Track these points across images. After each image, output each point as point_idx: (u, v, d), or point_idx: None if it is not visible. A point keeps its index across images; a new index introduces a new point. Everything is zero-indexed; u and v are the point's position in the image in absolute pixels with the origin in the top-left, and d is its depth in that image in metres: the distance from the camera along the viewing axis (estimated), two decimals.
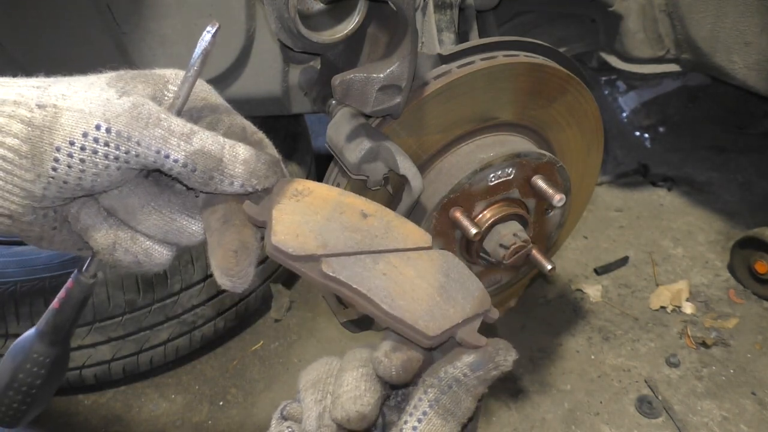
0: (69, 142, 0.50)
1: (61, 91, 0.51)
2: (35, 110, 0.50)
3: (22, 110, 0.49)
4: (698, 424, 1.45)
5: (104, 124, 0.50)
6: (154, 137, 0.51)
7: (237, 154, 0.55)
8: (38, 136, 0.49)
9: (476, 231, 1.03)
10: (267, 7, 1.11)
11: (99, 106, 0.50)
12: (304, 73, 1.29)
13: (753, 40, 1.52)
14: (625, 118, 2.58)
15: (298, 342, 1.71)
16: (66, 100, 0.50)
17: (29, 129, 0.49)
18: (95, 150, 0.50)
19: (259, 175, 0.56)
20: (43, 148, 0.49)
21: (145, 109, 0.52)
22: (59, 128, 0.49)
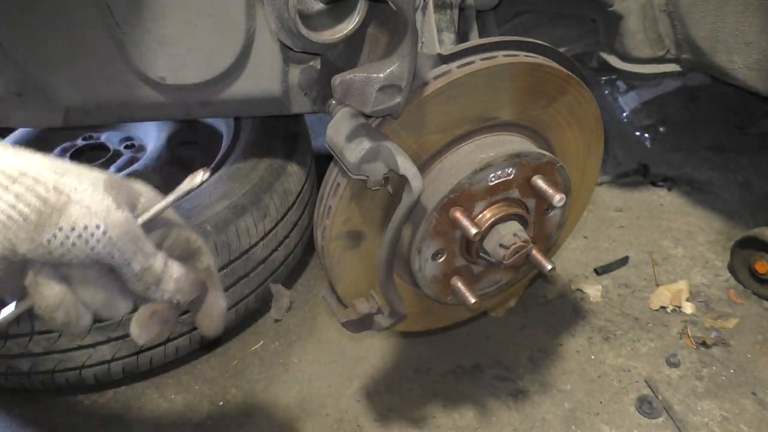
0: (71, 228, 0.62)
1: (74, 185, 0.63)
2: (52, 192, 0.61)
3: (40, 188, 0.61)
4: (698, 424, 1.45)
5: (103, 227, 0.63)
6: (130, 250, 0.66)
7: (172, 274, 0.71)
8: (48, 214, 0.61)
9: (476, 231, 1.03)
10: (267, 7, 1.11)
11: (102, 211, 0.64)
12: (304, 73, 1.29)
13: (753, 40, 1.52)
14: (625, 118, 2.58)
15: (298, 342, 1.71)
16: (77, 194, 0.63)
17: (43, 205, 0.61)
18: (87, 241, 0.63)
19: (184, 291, 0.73)
20: (49, 224, 0.61)
21: (132, 227, 0.66)
22: (68, 215, 0.61)
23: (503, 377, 1.59)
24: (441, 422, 1.48)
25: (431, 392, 1.55)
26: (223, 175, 1.64)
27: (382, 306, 1.14)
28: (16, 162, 0.61)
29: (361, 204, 1.06)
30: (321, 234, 1.09)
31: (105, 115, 1.32)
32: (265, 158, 1.68)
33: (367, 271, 1.16)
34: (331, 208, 1.04)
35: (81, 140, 2.14)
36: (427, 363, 1.63)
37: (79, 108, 1.29)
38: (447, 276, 1.15)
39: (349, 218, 1.07)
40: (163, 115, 1.37)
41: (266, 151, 1.71)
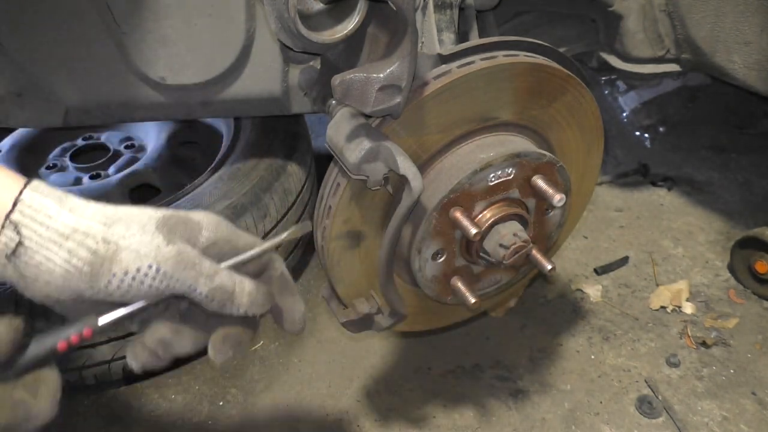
0: (124, 272, 0.68)
1: (122, 231, 0.69)
2: (100, 244, 0.67)
3: (90, 241, 0.67)
4: (698, 424, 1.45)
5: (155, 265, 0.68)
6: (189, 276, 0.70)
7: (243, 288, 0.75)
8: (100, 264, 0.67)
9: (476, 231, 1.03)
10: (267, 7, 1.11)
11: (152, 250, 0.69)
12: (304, 73, 1.29)
13: (753, 40, 1.52)
14: (625, 118, 2.58)
15: (298, 342, 1.71)
16: (125, 240, 0.68)
17: (93, 257, 0.67)
18: (143, 281, 0.68)
19: (258, 304, 0.76)
20: (102, 272, 0.67)
21: (185, 255, 0.70)
22: (119, 261, 0.67)
23: (503, 377, 1.59)
24: (441, 422, 1.48)
25: (431, 392, 1.55)
26: (223, 175, 1.64)
27: (382, 306, 1.14)
28: (69, 219, 0.67)
29: (361, 204, 1.06)
30: (321, 234, 1.09)
31: (105, 115, 1.32)
32: (265, 158, 1.69)
33: (367, 271, 1.16)
34: (331, 208, 1.04)
35: (81, 140, 2.14)
36: (427, 363, 1.63)
37: (79, 108, 1.29)
38: (447, 276, 1.15)
39: (349, 218, 1.07)
40: (163, 115, 1.37)
41: (266, 151, 1.71)
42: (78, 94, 1.27)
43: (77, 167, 2.01)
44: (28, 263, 0.67)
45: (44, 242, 0.67)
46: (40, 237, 0.67)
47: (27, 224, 0.67)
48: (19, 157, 2.02)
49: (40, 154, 2.08)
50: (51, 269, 0.67)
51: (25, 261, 0.67)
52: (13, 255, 0.66)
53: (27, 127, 1.95)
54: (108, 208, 0.71)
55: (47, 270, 0.67)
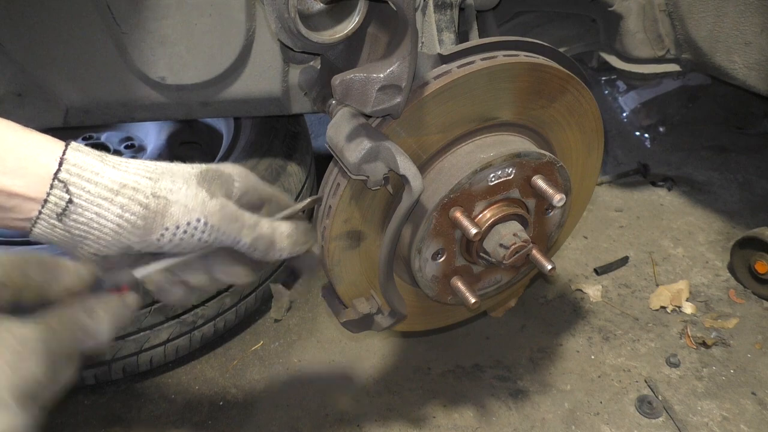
0: (175, 226, 0.70)
1: (168, 186, 0.70)
2: (151, 198, 0.69)
3: (140, 196, 0.68)
4: (698, 424, 1.45)
5: (203, 219, 0.71)
6: (233, 229, 0.74)
7: (282, 232, 0.79)
8: (152, 218, 0.68)
9: (476, 231, 1.03)
10: (267, 7, 1.11)
11: (198, 204, 0.71)
12: (304, 73, 1.29)
13: (753, 40, 1.52)
14: (625, 118, 2.58)
15: (298, 342, 1.71)
16: (173, 195, 0.70)
17: (146, 211, 0.68)
18: (192, 234, 0.71)
19: (299, 242, 0.80)
20: (155, 227, 0.69)
21: (228, 209, 0.73)
22: (169, 216, 0.69)
23: (503, 377, 1.59)
24: (441, 422, 1.48)
25: (431, 392, 1.55)
26: None
27: (382, 306, 1.14)
28: (116, 175, 0.68)
29: (361, 204, 1.06)
30: (321, 234, 1.09)
31: (105, 115, 1.32)
32: (265, 158, 1.69)
33: (367, 271, 1.16)
34: (331, 208, 1.04)
35: (81, 140, 2.14)
36: (427, 363, 1.63)
37: (79, 108, 1.29)
38: (447, 276, 1.15)
39: (349, 218, 1.07)
40: (163, 115, 1.37)
41: (266, 151, 1.71)
42: (78, 94, 1.27)
43: None
44: (78, 221, 0.67)
45: (94, 198, 0.67)
46: (90, 194, 0.67)
47: (75, 182, 0.66)
48: None
49: None
50: (102, 225, 0.68)
51: (75, 219, 0.67)
52: (63, 214, 0.66)
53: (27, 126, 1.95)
54: (148, 163, 0.72)
55: (98, 226, 0.68)
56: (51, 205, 0.66)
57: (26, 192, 0.66)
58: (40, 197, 0.66)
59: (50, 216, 0.67)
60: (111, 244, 0.69)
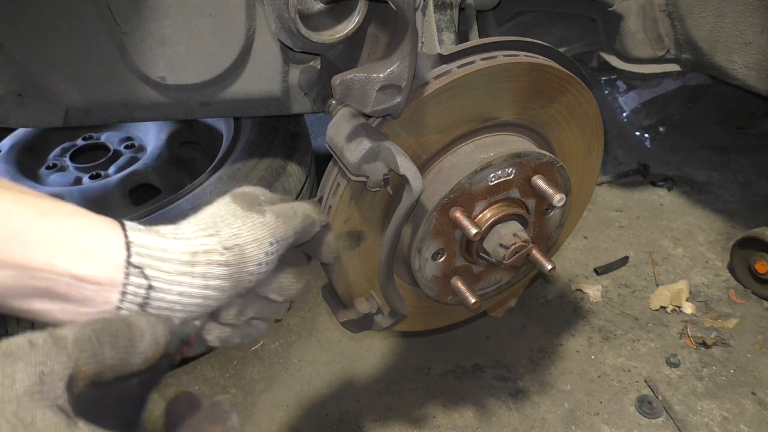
0: (257, 264, 0.69)
1: (231, 232, 0.69)
2: (225, 253, 0.66)
3: (216, 257, 0.66)
4: (698, 424, 1.45)
5: (272, 239, 0.71)
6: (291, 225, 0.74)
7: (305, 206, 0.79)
8: (236, 271, 0.67)
9: (476, 231, 1.03)
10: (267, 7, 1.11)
11: (262, 229, 0.70)
12: (304, 73, 1.29)
13: (753, 40, 1.52)
14: (625, 118, 2.58)
15: (298, 342, 1.71)
16: (240, 237, 0.68)
17: (228, 268, 0.66)
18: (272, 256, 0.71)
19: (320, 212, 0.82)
20: (241, 277, 0.68)
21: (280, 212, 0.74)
22: (249, 258, 0.68)
23: (503, 377, 1.59)
24: (441, 422, 1.48)
25: (431, 392, 1.55)
26: (223, 175, 1.64)
27: (382, 306, 1.14)
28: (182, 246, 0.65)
29: (361, 204, 1.06)
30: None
31: (105, 115, 1.32)
32: (265, 158, 1.69)
33: (367, 271, 1.15)
34: (331, 208, 1.04)
35: (81, 140, 2.14)
36: (427, 363, 1.63)
37: (79, 108, 1.29)
38: (447, 276, 1.15)
39: (349, 218, 1.07)
40: (163, 115, 1.37)
41: (266, 151, 1.71)
42: (78, 94, 1.27)
43: (77, 167, 2.02)
44: (161, 307, 0.63)
45: (173, 278, 0.63)
46: (168, 273, 0.62)
47: (149, 264, 0.62)
48: (19, 157, 2.02)
49: (40, 154, 2.08)
50: (189, 302, 0.64)
51: (158, 305, 0.63)
52: (144, 303, 0.62)
53: (27, 127, 1.94)
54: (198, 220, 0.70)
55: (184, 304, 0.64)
56: (130, 296, 0.61)
57: (99, 278, 0.60)
58: (114, 285, 0.60)
59: (131, 309, 0.62)
60: (201, 314, 0.67)
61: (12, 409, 0.43)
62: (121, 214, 1.59)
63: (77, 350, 0.49)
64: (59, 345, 0.48)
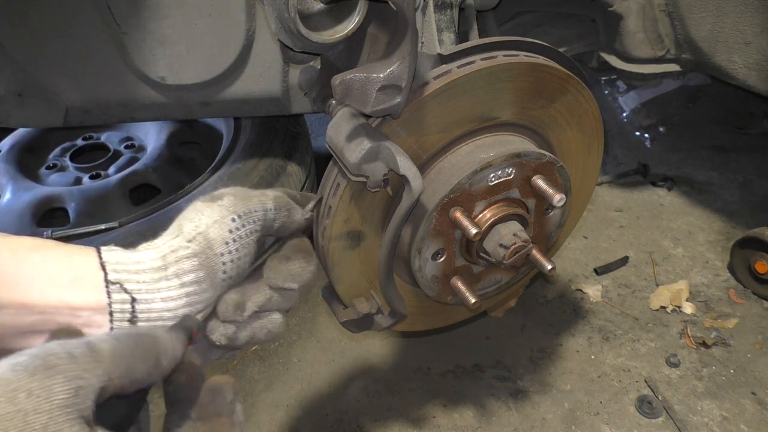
0: (224, 243, 0.69)
1: (190, 226, 0.69)
2: (190, 245, 0.67)
3: (182, 252, 0.66)
4: (698, 424, 1.45)
5: (234, 216, 0.70)
6: (256, 202, 0.73)
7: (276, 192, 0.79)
8: (205, 258, 0.67)
9: (476, 231, 1.03)
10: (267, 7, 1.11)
11: (219, 211, 0.70)
12: (304, 73, 1.29)
13: (753, 40, 1.52)
14: (625, 118, 2.58)
15: (298, 342, 1.71)
16: (200, 226, 0.69)
17: (197, 259, 0.67)
18: (240, 235, 0.70)
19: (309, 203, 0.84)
20: (213, 262, 0.68)
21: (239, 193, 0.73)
22: (214, 242, 0.68)
23: (503, 377, 1.59)
24: (441, 422, 1.48)
25: (431, 392, 1.55)
26: (223, 175, 1.64)
27: (382, 306, 1.14)
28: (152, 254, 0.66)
29: (361, 204, 1.06)
30: (321, 234, 1.09)
31: (105, 115, 1.32)
32: (265, 158, 1.69)
33: (367, 271, 1.15)
34: (331, 208, 1.04)
35: (81, 140, 2.14)
36: (427, 363, 1.63)
37: (79, 108, 1.29)
38: (447, 276, 1.15)
39: (349, 218, 1.07)
40: (163, 115, 1.37)
41: (266, 151, 1.71)
42: (78, 94, 1.27)
43: (77, 167, 2.02)
44: (150, 318, 0.64)
45: (152, 286, 0.64)
46: (146, 283, 0.64)
47: (127, 278, 0.64)
48: (19, 157, 2.03)
49: (40, 154, 2.08)
50: (174, 307, 0.65)
51: (147, 316, 0.64)
52: (133, 317, 0.64)
53: (27, 126, 1.95)
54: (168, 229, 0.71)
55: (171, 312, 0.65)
56: (118, 314, 0.63)
57: (89, 304, 0.62)
58: (104, 307, 0.63)
59: (122, 327, 0.63)
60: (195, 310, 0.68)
61: (42, 422, 0.44)
62: (121, 214, 1.60)
63: (113, 365, 0.50)
64: (96, 358, 0.49)
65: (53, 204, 1.81)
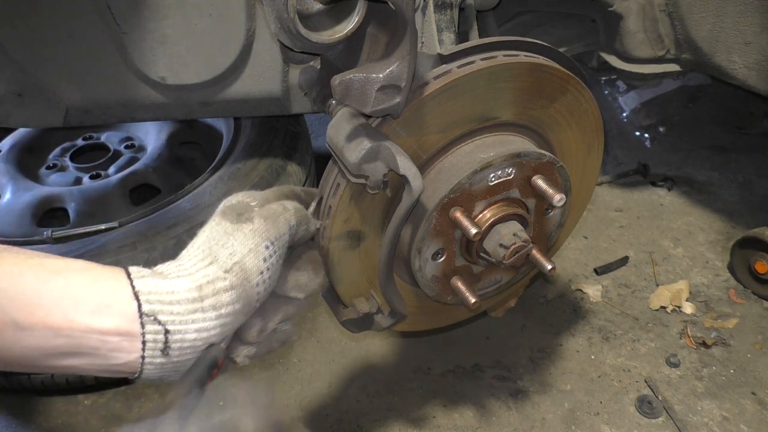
0: (259, 273, 0.71)
1: (226, 253, 0.70)
2: (228, 276, 0.67)
3: (220, 284, 0.67)
4: (698, 424, 1.45)
5: (267, 243, 0.73)
6: (283, 221, 0.78)
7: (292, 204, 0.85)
8: (242, 289, 0.68)
9: (476, 231, 1.03)
10: (266, 8, 1.11)
11: (254, 238, 0.71)
12: (304, 73, 1.29)
13: (753, 40, 1.52)
14: (625, 118, 2.58)
15: (298, 342, 1.71)
16: (236, 255, 0.70)
17: (235, 291, 0.67)
18: (273, 262, 0.73)
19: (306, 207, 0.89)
20: (250, 295, 0.69)
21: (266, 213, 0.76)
22: (250, 272, 0.69)
23: (503, 377, 1.59)
24: (441, 422, 1.48)
25: (431, 392, 1.55)
26: (223, 175, 1.64)
27: (382, 306, 1.14)
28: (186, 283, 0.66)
29: (361, 204, 1.06)
30: (321, 234, 1.09)
31: (105, 115, 1.32)
32: (265, 158, 1.69)
33: (367, 271, 1.15)
34: (331, 208, 1.04)
35: (81, 140, 2.14)
36: (427, 363, 1.63)
37: (79, 108, 1.29)
38: (447, 276, 1.15)
39: (349, 218, 1.07)
40: (163, 115, 1.37)
41: (266, 151, 1.71)
42: (78, 94, 1.27)
43: (77, 167, 2.02)
44: (183, 347, 0.64)
45: (187, 317, 0.64)
46: (180, 314, 0.63)
47: (161, 309, 0.63)
48: (19, 157, 2.03)
49: (40, 154, 2.08)
50: (207, 337, 0.65)
51: (179, 347, 0.64)
52: (166, 348, 0.63)
53: (27, 127, 1.95)
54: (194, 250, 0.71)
55: (203, 341, 0.65)
56: (150, 344, 0.63)
57: (119, 330, 0.62)
58: (135, 335, 0.62)
59: (154, 356, 0.63)
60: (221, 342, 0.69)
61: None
62: (121, 214, 1.60)
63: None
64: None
65: (53, 204, 1.81)
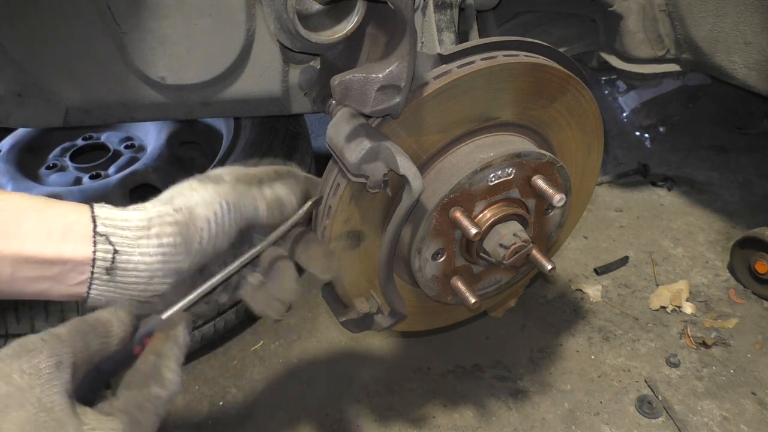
0: (206, 221, 0.75)
1: (183, 199, 0.76)
2: (177, 214, 0.74)
3: (167, 218, 0.73)
4: (698, 424, 1.45)
5: (223, 201, 0.77)
6: (250, 198, 0.81)
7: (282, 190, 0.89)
8: (186, 228, 0.74)
9: (476, 231, 1.03)
10: (266, 8, 1.11)
11: (213, 194, 0.77)
12: (303, 73, 1.29)
13: (753, 40, 1.52)
14: (625, 118, 2.58)
15: (298, 342, 1.71)
16: (190, 200, 0.76)
17: (178, 226, 0.73)
18: (223, 220, 0.77)
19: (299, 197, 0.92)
20: (191, 234, 0.74)
21: (238, 186, 0.80)
22: (197, 217, 0.75)
23: (503, 377, 1.59)
24: (441, 422, 1.48)
25: (431, 392, 1.55)
26: None
27: (382, 306, 1.14)
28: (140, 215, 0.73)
29: (361, 204, 1.06)
30: (321, 234, 1.09)
31: (105, 115, 1.32)
32: (265, 158, 1.69)
33: (367, 271, 1.15)
34: (331, 208, 1.04)
35: (81, 140, 2.14)
36: (427, 363, 1.63)
37: (79, 108, 1.29)
38: (447, 276, 1.15)
39: (349, 218, 1.07)
40: (163, 115, 1.37)
41: (266, 151, 1.71)
42: (78, 94, 1.27)
43: (77, 167, 2.02)
44: (127, 269, 0.71)
45: (133, 241, 0.71)
46: (128, 238, 0.71)
47: (113, 232, 0.70)
48: (19, 157, 2.03)
49: (40, 154, 2.08)
50: (150, 262, 0.72)
51: (124, 267, 0.71)
52: (112, 267, 0.70)
53: (27, 126, 1.95)
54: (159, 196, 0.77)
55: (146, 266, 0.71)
56: (100, 262, 0.70)
57: (75, 255, 0.69)
58: (88, 257, 0.69)
59: (102, 273, 0.70)
60: (164, 276, 0.73)
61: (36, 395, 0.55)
62: None
63: (73, 342, 0.61)
64: (60, 339, 0.61)
65: None
